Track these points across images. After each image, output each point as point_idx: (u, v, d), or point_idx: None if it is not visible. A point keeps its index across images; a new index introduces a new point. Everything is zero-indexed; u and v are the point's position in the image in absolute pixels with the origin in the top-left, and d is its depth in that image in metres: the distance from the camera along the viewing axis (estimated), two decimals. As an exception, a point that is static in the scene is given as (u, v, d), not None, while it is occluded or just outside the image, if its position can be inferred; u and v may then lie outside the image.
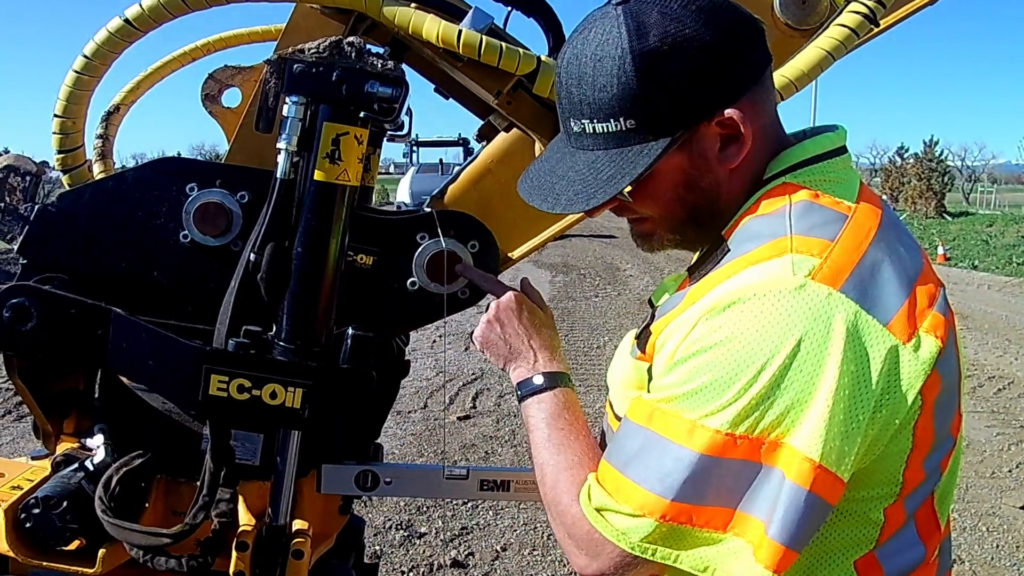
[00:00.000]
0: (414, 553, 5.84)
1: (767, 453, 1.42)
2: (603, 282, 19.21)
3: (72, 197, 2.15)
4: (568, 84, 1.61)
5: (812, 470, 1.40)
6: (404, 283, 2.15)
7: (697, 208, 1.67)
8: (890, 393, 1.46)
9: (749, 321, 1.44)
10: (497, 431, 8.38)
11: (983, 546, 6.23)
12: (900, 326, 1.48)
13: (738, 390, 1.42)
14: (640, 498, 1.48)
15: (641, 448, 1.51)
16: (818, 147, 1.68)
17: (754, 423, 1.42)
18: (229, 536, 2.06)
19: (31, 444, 7.22)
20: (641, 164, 1.56)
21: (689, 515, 1.45)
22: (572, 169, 1.65)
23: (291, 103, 1.91)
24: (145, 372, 2.02)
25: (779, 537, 1.41)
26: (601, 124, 1.58)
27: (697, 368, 1.46)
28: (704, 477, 1.43)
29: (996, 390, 10.36)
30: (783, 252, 1.49)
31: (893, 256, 1.55)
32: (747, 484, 1.44)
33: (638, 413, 1.55)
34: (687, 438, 1.44)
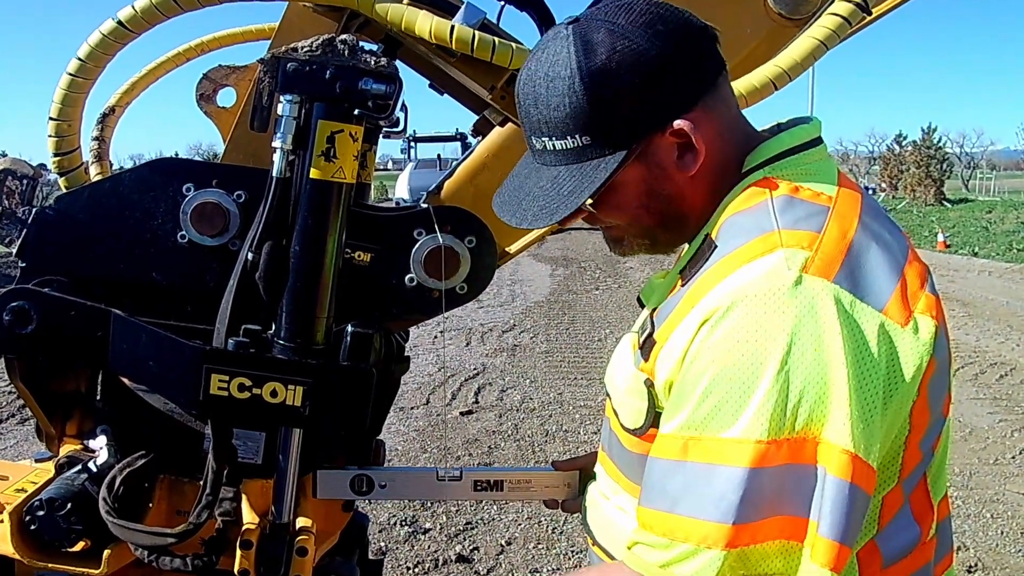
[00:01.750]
0: (419, 549, 5.85)
1: (807, 452, 1.43)
2: (603, 275, 19.23)
3: (69, 199, 2.15)
4: (526, 104, 1.66)
5: (850, 461, 1.41)
6: (402, 279, 2.15)
7: (663, 214, 1.70)
8: (897, 377, 1.48)
9: (753, 324, 1.45)
10: (500, 426, 8.39)
11: (987, 533, 6.24)
12: (896, 310, 1.50)
13: (764, 395, 1.42)
14: (701, 531, 1.46)
15: (686, 482, 1.50)
16: (794, 139, 1.70)
17: (790, 424, 1.42)
18: (233, 535, 2.06)
19: (35, 447, 7.23)
20: (599, 178, 1.60)
21: (752, 534, 1.44)
22: (537, 185, 1.70)
23: (285, 102, 1.91)
24: (146, 373, 2.02)
25: (830, 534, 1.41)
26: (559, 141, 1.63)
27: (714, 383, 1.46)
28: (757, 491, 1.43)
29: (998, 376, 10.37)
30: (773, 247, 1.51)
31: (879, 242, 1.57)
32: (794, 487, 1.44)
33: (669, 450, 1.54)
34: (731, 457, 1.44)
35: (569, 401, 9.24)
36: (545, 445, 7.86)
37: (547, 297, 16.31)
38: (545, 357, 11.36)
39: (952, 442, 1.91)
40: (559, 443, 7.88)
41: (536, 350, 11.77)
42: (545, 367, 10.81)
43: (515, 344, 12.11)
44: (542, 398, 9.39)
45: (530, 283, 17.87)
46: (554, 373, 10.50)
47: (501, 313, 14.52)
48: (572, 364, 10.98)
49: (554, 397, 9.42)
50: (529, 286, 17.49)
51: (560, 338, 12.61)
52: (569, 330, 13.18)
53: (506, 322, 13.72)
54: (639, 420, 1.70)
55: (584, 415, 8.67)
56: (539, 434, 8.16)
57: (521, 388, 9.80)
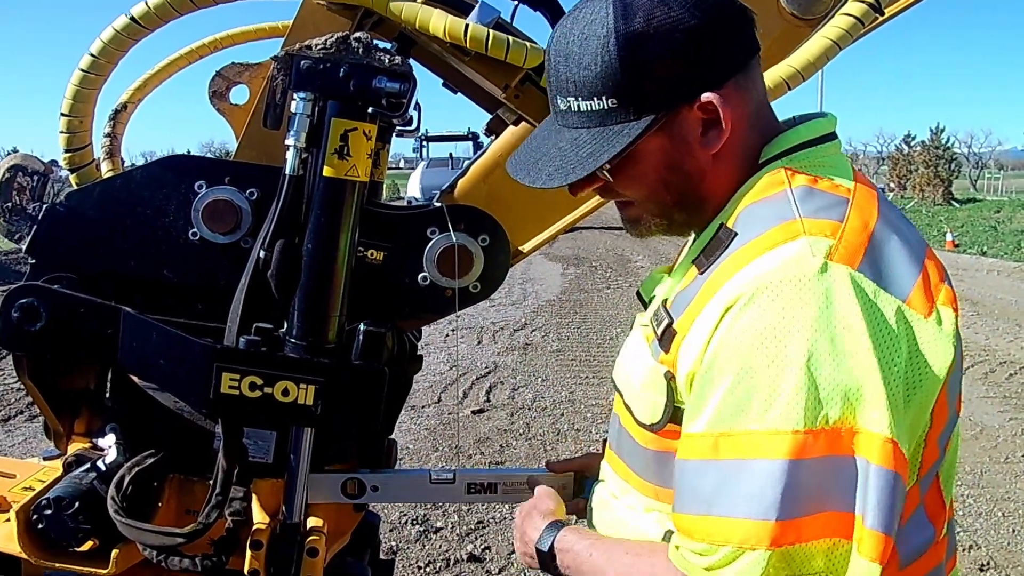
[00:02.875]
0: (430, 548, 5.84)
1: (844, 442, 1.39)
2: (614, 274, 19.22)
3: (80, 196, 2.15)
4: (556, 62, 1.63)
5: (893, 449, 1.37)
6: (415, 278, 2.15)
7: (682, 192, 1.67)
8: (921, 369, 1.46)
9: (779, 311, 1.42)
10: (511, 424, 8.38)
11: (999, 531, 6.21)
12: (919, 300, 1.48)
13: (796, 384, 1.39)
14: (742, 531, 1.40)
15: (720, 481, 1.44)
16: (811, 132, 1.69)
17: (825, 413, 1.38)
18: (243, 535, 2.05)
19: (42, 444, 7.22)
20: (620, 143, 1.58)
21: (797, 532, 1.39)
22: (556, 146, 1.67)
23: (299, 99, 1.91)
24: (156, 371, 2.02)
25: (878, 525, 1.37)
26: (585, 102, 1.60)
27: (741, 374, 1.43)
28: (798, 484, 1.38)
29: (1008, 375, 10.34)
30: (796, 235, 1.48)
31: (899, 235, 1.56)
32: (834, 480, 1.39)
33: (698, 449, 1.48)
34: (767, 449, 1.39)
35: (581, 400, 9.23)
36: (557, 444, 7.85)
37: (558, 296, 16.30)
38: (556, 356, 11.35)
39: (962, 441, 1.90)
40: (571, 442, 7.87)
41: (548, 349, 11.76)
42: (557, 365, 10.80)
43: (527, 343, 12.10)
44: (554, 397, 9.38)
45: (541, 282, 17.86)
46: (565, 372, 10.49)
47: (513, 312, 14.51)
48: (583, 363, 10.97)
49: (566, 396, 9.41)
50: (540, 285, 17.48)
51: (571, 337, 12.60)
52: (580, 329, 13.16)
53: (518, 321, 13.71)
54: (656, 415, 1.64)
55: (596, 413, 8.66)
56: (551, 433, 8.15)
57: (533, 387, 9.78)
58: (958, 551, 2.16)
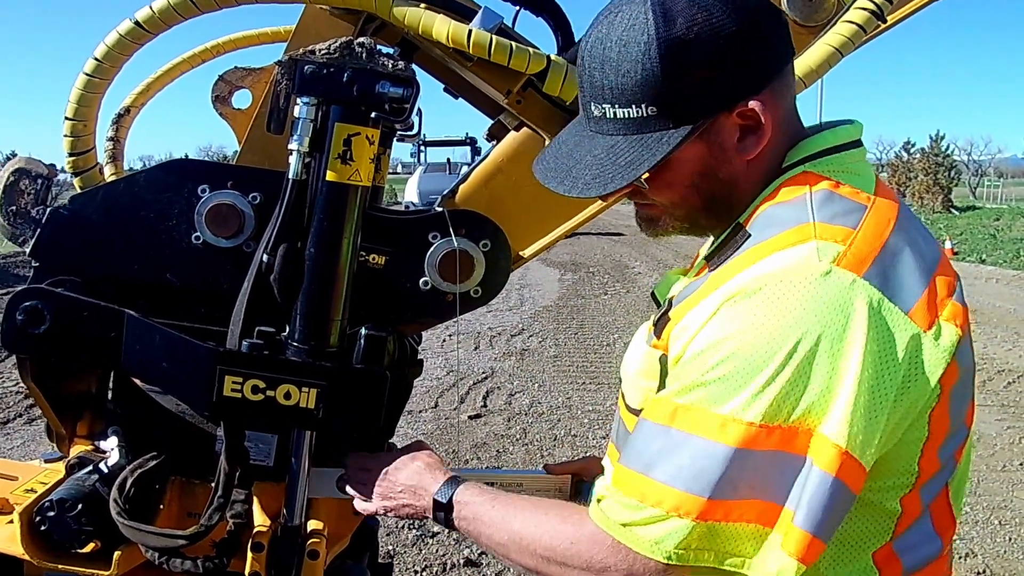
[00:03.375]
0: (427, 553, 5.84)
1: (798, 442, 1.41)
2: (612, 280, 19.22)
3: (84, 200, 2.15)
4: (591, 67, 1.61)
5: (839, 457, 1.39)
6: (416, 282, 2.15)
7: (712, 197, 1.67)
8: (912, 380, 1.46)
9: (775, 307, 1.43)
10: (508, 430, 8.38)
11: (995, 540, 6.23)
12: (921, 314, 1.49)
13: (767, 378, 1.41)
14: (673, 499, 1.44)
15: (666, 448, 1.48)
16: (837, 138, 1.69)
17: (787, 412, 1.41)
18: (244, 537, 2.06)
19: (41, 447, 7.24)
20: (660, 151, 1.56)
21: (726, 511, 1.43)
22: (590, 153, 1.65)
23: (302, 104, 1.91)
24: (159, 374, 2.02)
25: (806, 525, 1.40)
26: (623, 109, 1.58)
27: (722, 358, 1.45)
28: (739, 471, 1.41)
29: (1006, 384, 10.35)
30: (807, 238, 1.49)
31: (913, 246, 1.56)
32: (778, 474, 1.42)
33: (658, 413, 1.52)
34: (719, 433, 1.42)
35: (578, 405, 9.24)
36: (553, 449, 7.85)
37: (556, 301, 16.30)
38: (554, 361, 11.36)
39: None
40: (567, 447, 7.87)
41: (545, 354, 11.77)
42: (554, 371, 10.80)
43: (524, 348, 12.11)
44: (551, 402, 9.38)
45: (539, 287, 17.86)
46: (563, 377, 10.50)
47: (510, 317, 14.51)
48: (581, 368, 10.97)
49: (562, 401, 9.41)
50: (538, 290, 17.48)
51: (569, 342, 12.60)
52: (578, 335, 13.17)
53: (515, 326, 13.71)
54: (646, 401, 1.65)
55: (593, 419, 8.67)
56: (547, 438, 8.15)
57: (530, 392, 9.79)
58: (954, 559, 2.18)
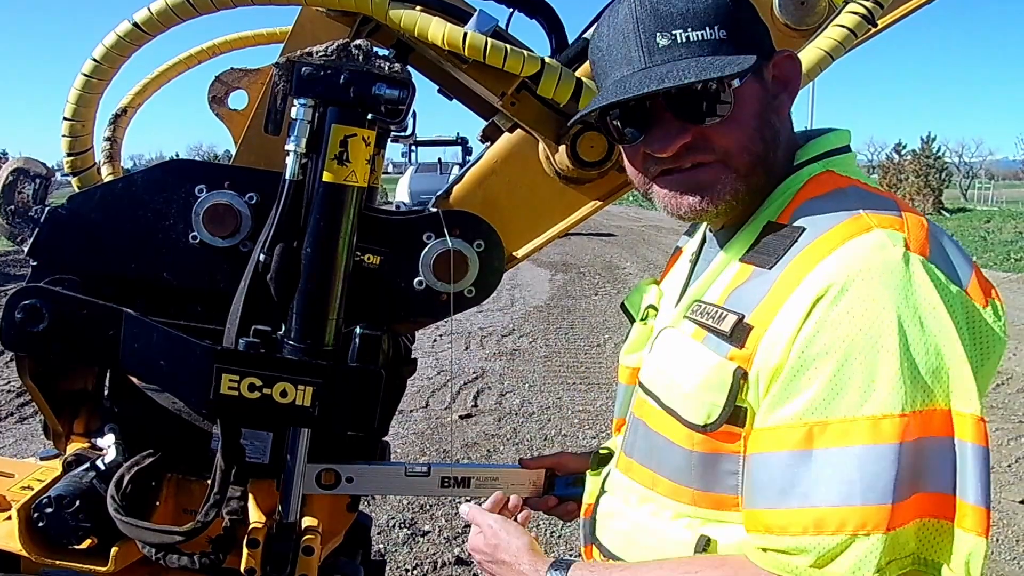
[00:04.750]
0: (418, 551, 5.85)
1: (936, 423, 1.40)
2: (602, 280, 19.21)
3: (82, 199, 2.17)
4: (655, 2, 1.62)
5: (983, 426, 1.40)
6: (411, 282, 2.17)
7: (767, 148, 1.67)
8: (983, 355, 1.50)
9: (871, 299, 1.43)
10: (499, 429, 8.39)
11: (983, 541, 6.22)
12: (976, 292, 1.52)
13: (895, 368, 1.40)
14: (856, 517, 1.40)
15: (822, 471, 1.43)
16: (840, 140, 1.74)
17: (924, 395, 1.40)
18: (240, 533, 2.08)
19: (34, 446, 7.24)
20: (747, 62, 1.56)
21: (905, 514, 1.40)
22: (677, 67, 1.59)
23: (299, 105, 1.93)
24: (157, 372, 2.04)
25: (979, 500, 1.39)
26: (696, 32, 1.60)
27: (840, 362, 1.43)
28: (908, 465, 1.38)
29: (995, 385, 10.35)
30: (868, 227, 1.51)
31: (944, 233, 1.59)
32: (932, 460, 1.40)
33: (787, 441, 1.47)
34: (874, 435, 1.39)
35: (568, 405, 9.25)
36: (544, 449, 7.85)
37: (546, 302, 16.30)
38: (544, 362, 11.36)
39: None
40: (557, 447, 7.87)
41: (535, 354, 11.77)
42: (544, 371, 10.81)
43: (514, 348, 12.11)
44: (541, 402, 9.39)
45: (529, 288, 17.85)
46: (553, 378, 10.50)
47: (500, 317, 14.51)
48: (571, 369, 10.98)
49: (553, 401, 9.42)
50: (528, 291, 17.48)
51: (559, 343, 12.61)
52: (568, 335, 13.17)
53: (505, 326, 13.71)
54: (712, 415, 1.59)
55: (583, 419, 8.68)
56: (538, 438, 8.16)
57: (520, 392, 9.80)
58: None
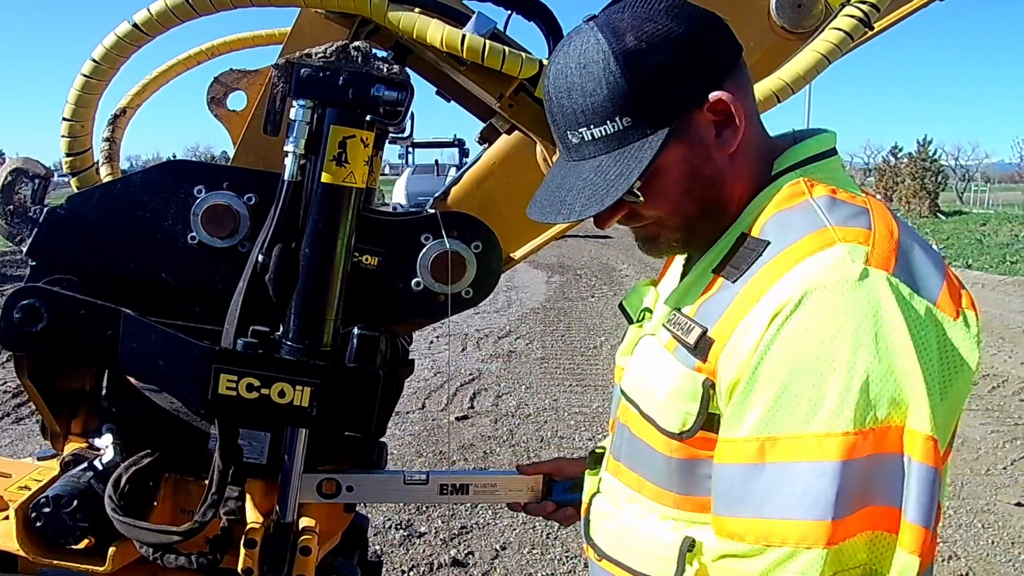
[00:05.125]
0: (414, 552, 5.86)
1: (891, 440, 1.41)
2: (599, 282, 19.22)
3: (81, 199, 2.17)
4: (559, 99, 1.64)
5: (933, 446, 1.40)
6: (409, 283, 2.17)
7: (706, 199, 1.67)
8: (953, 370, 1.49)
9: (824, 315, 1.44)
10: (495, 431, 8.40)
11: (978, 542, 6.26)
12: (946, 304, 1.51)
13: (843, 386, 1.41)
14: (799, 532, 1.42)
15: (772, 484, 1.46)
16: (820, 145, 1.72)
17: (873, 413, 1.40)
18: (237, 533, 2.08)
19: (31, 446, 7.24)
20: (646, 157, 1.57)
21: (848, 528, 1.41)
22: (579, 179, 1.66)
23: (298, 106, 1.94)
24: (155, 372, 2.04)
25: (918, 519, 1.40)
26: (598, 128, 1.60)
27: (788, 379, 1.44)
28: (850, 483, 1.40)
29: (990, 388, 10.39)
30: (831, 242, 1.51)
31: (919, 242, 1.59)
32: (882, 476, 1.41)
33: (742, 454, 1.50)
34: (819, 452, 1.41)
35: (564, 407, 9.26)
36: (540, 450, 7.87)
37: (543, 304, 16.30)
38: (540, 363, 11.36)
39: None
40: (554, 449, 7.89)
41: (532, 356, 11.78)
42: (540, 373, 10.81)
43: (511, 350, 12.12)
44: (537, 404, 9.40)
45: (526, 289, 17.86)
46: (549, 379, 10.51)
47: (497, 319, 14.52)
48: (567, 371, 10.98)
49: (549, 403, 9.42)
50: (525, 292, 17.48)
51: (555, 345, 12.61)
52: (564, 337, 13.18)
53: (502, 328, 13.72)
54: (687, 423, 1.62)
55: (579, 421, 8.69)
56: (534, 440, 8.17)
57: (517, 394, 9.80)
58: (938, 561, 2.19)
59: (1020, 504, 6.95)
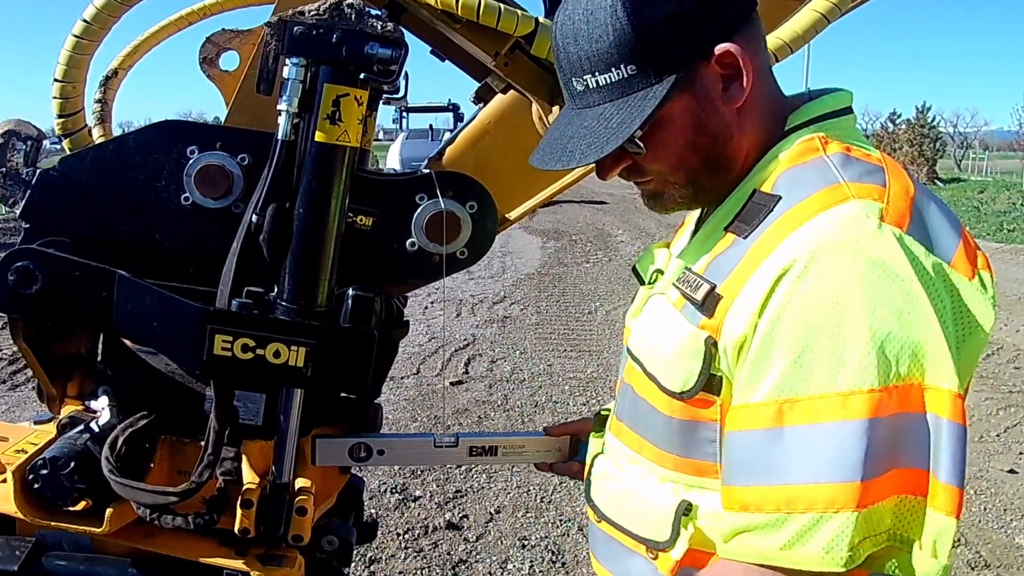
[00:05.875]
0: (409, 516, 5.89)
1: (913, 399, 1.39)
2: (594, 248, 19.22)
3: (73, 161, 2.16)
4: (565, 45, 1.63)
5: (960, 403, 1.39)
6: (403, 243, 2.16)
7: (711, 153, 1.66)
8: (967, 330, 1.48)
9: (839, 273, 1.42)
10: (490, 396, 8.43)
11: (971, 508, 6.30)
12: (962, 264, 1.51)
13: (865, 343, 1.38)
14: (826, 495, 1.38)
15: (791, 448, 1.43)
16: (837, 103, 1.71)
17: (897, 370, 1.38)
18: (234, 494, 2.08)
19: (27, 413, 7.25)
20: (649, 106, 1.56)
21: (879, 490, 1.38)
22: (581, 126, 1.65)
23: (291, 65, 1.92)
24: (150, 333, 2.04)
25: (952, 479, 1.38)
26: (603, 75, 1.59)
27: (806, 339, 1.42)
28: (878, 442, 1.37)
29: (985, 356, 10.41)
30: (845, 198, 1.49)
31: (935, 201, 1.58)
32: (909, 437, 1.39)
33: (758, 420, 1.47)
34: (843, 411, 1.38)
35: (559, 372, 9.29)
36: (535, 415, 7.90)
37: (538, 269, 16.31)
38: (535, 329, 11.40)
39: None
40: (548, 414, 7.93)
41: (526, 322, 11.81)
42: (535, 339, 10.85)
43: (505, 316, 12.14)
44: (532, 369, 9.44)
45: (521, 255, 17.87)
46: (544, 345, 10.55)
47: (492, 285, 14.53)
48: (562, 336, 11.02)
49: (544, 368, 9.46)
50: (520, 258, 17.49)
51: (550, 310, 12.64)
52: (559, 302, 13.20)
53: (496, 294, 13.74)
54: (689, 383, 1.60)
55: (573, 386, 8.73)
56: (528, 404, 8.20)
57: (511, 359, 9.84)
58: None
59: (1013, 471, 7.00)
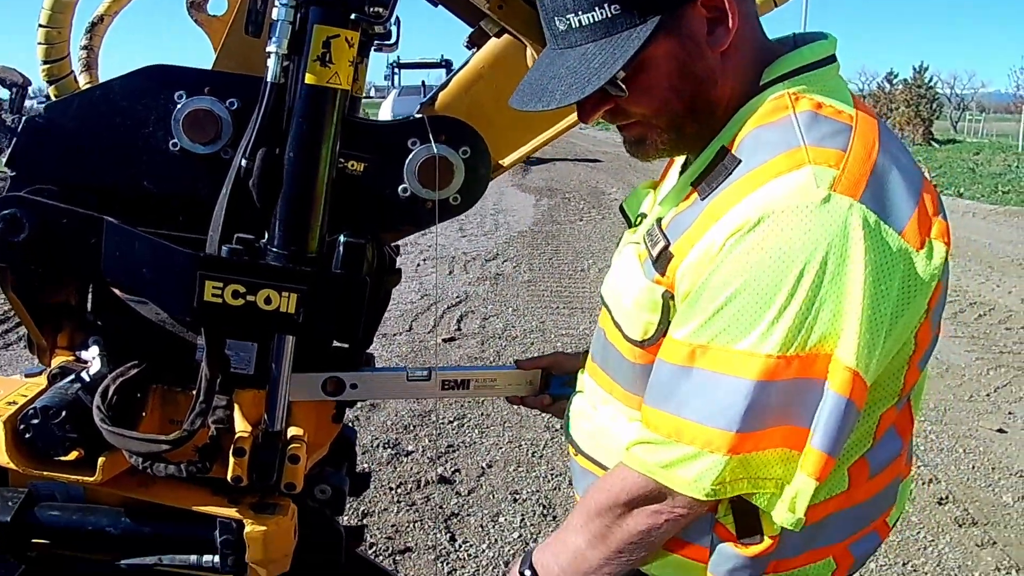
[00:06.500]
0: (401, 470, 5.91)
1: (817, 367, 1.45)
2: (587, 206, 19.20)
3: (60, 107, 2.13)
4: None
5: (852, 378, 1.43)
6: (395, 189, 2.14)
7: (694, 98, 1.64)
8: (908, 300, 1.49)
9: (778, 238, 1.44)
10: (482, 353, 8.45)
11: (959, 467, 6.35)
12: (913, 233, 1.50)
13: (778, 310, 1.44)
14: (704, 436, 1.51)
15: (693, 388, 1.54)
16: (814, 54, 1.68)
17: (803, 340, 1.44)
18: (226, 442, 2.07)
19: (14, 369, 7.22)
20: (632, 46, 1.54)
21: (756, 442, 1.49)
22: (563, 67, 1.62)
23: (281, 6, 1.88)
24: (139, 281, 2.02)
25: (822, 446, 1.46)
26: (586, 15, 1.57)
27: (732, 294, 1.47)
28: (763, 402, 1.46)
29: (977, 316, 10.48)
30: (801, 163, 1.49)
31: (898, 164, 1.56)
32: (801, 399, 1.47)
33: (677, 354, 1.56)
34: (740, 368, 1.47)
35: (551, 330, 9.31)
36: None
37: (531, 227, 16.30)
38: (528, 286, 11.40)
39: (928, 378, 1.94)
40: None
41: (519, 279, 11.81)
42: (527, 296, 10.86)
43: (498, 273, 12.14)
44: (524, 326, 9.45)
45: (514, 213, 17.84)
46: (536, 302, 10.55)
47: (484, 242, 14.52)
48: (554, 293, 11.02)
49: (536, 325, 9.48)
50: (513, 216, 17.46)
51: (543, 268, 12.65)
52: (552, 260, 13.21)
53: (489, 251, 13.73)
54: (648, 332, 1.68)
55: (566, 343, 8.73)
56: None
57: (503, 316, 9.85)
58: (918, 485, 2.19)
59: (1001, 430, 7.04)
